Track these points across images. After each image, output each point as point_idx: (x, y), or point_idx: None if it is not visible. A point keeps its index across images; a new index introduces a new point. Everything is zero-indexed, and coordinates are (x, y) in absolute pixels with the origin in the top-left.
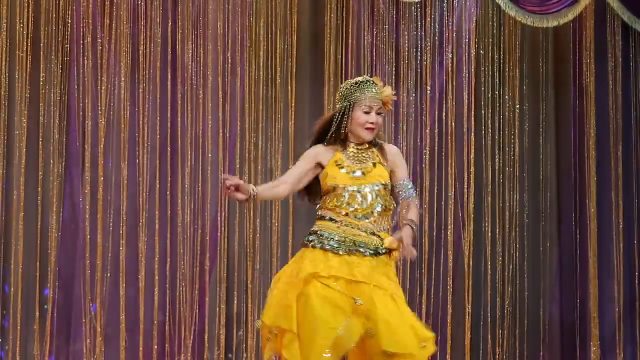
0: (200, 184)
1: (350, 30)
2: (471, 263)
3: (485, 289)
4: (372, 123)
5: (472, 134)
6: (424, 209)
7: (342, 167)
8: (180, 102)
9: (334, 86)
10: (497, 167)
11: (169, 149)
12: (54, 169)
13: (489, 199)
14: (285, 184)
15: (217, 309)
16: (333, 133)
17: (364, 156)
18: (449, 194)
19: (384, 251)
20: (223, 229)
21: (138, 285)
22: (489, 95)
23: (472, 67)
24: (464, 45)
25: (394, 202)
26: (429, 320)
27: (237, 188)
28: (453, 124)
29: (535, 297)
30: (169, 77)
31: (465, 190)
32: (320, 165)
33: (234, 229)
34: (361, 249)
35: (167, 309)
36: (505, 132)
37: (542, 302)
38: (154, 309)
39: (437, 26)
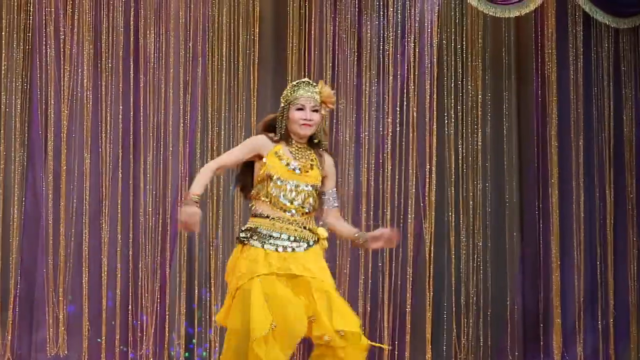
0: (161, 173)
1: (312, 19)
2: (432, 252)
3: (449, 279)
4: (305, 119)
5: (435, 123)
6: (385, 198)
7: (281, 159)
8: (143, 91)
9: (296, 76)
10: (460, 157)
11: (131, 138)
12: (15, 158)
13: (452, 188)
14: (223, 167)
15: (178, 298)
16: (277, 133)
17: (304, 155)
18: (410, 183)
19: (313, 243)
20: None
21: (100, 275)
22: (452, 85)
23: (435, 56)
24: (426, 35)
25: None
26: (390, 309)
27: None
28: (415, 113)
29: (499, 286)
30: (132, 66)
31: (427, 179)
32: (258, 157)
33: None
34: (296, 244)
35: (129, 299)
36: (468, 122)
37: (507, 291)
38: (116, 299)
39: (399, 16)
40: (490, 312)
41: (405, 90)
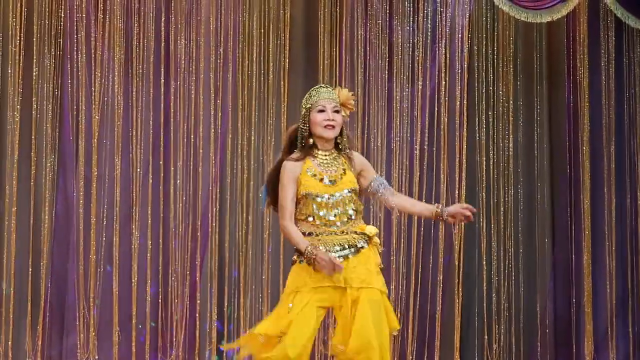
0: (192, 179)
1: (343, 25)
2: (462, 258)
3: (480, 284)
4: (328, 120)
5: (465, 129)
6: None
7: (314, 175)
8: (173, 96)
9: (327, 81)
10: (491, 163)
11: (161, 143)
12: (46, 164)
13: (483, 194)
14: (291, 206)
15: (209, 304)
16: (301, 141)
17: (333, 163)
18: (441, 188)
19: (362, 245)
20: (214, 224)
21: (130, 280)
22: (483, 90)
23: (466, 62)
24: (457, 41)
25: (363, 204)
26: (418, 315)
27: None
28: (446, 119)
29: (530, 292)
30: (162, 72)
31: (458, 185)
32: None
33: (225, 225)
34: (344, 252)
35: (159, 304)
36: (499, 128)
37: (538, 297)
38: (146, 304)
39: (430, 21)
40: (522, 318)
41: (436, 95)
